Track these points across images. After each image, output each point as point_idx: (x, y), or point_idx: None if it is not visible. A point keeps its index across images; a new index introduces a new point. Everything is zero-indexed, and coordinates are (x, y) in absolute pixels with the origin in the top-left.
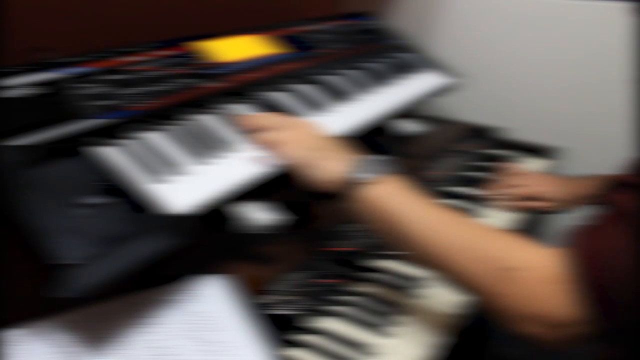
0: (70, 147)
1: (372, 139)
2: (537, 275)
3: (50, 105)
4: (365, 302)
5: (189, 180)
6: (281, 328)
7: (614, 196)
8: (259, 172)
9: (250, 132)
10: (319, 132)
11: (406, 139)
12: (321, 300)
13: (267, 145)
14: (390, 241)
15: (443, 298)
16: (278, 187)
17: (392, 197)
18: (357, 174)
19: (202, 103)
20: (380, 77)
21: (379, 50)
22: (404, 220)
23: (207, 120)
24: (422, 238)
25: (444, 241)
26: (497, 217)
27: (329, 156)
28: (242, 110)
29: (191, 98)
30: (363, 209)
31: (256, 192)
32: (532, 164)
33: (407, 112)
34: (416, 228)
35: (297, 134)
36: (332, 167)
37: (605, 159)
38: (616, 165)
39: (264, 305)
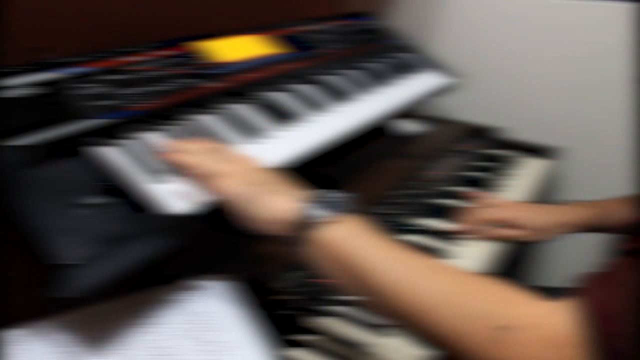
0: (70, 147)
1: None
2: (538, 336)
3: (50, 105)
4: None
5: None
6: (281, 328)
7: (631, 243)
8: None
9: (176, 161)
10: (258, 164)
11: (406, 139)
12: (321, 300)
13: (198, 176)
14: (351, 291)
15: None
16: None
17: (352, 239)
18: (309, 212)
19: (202, 103)
20: (380, 77)
21: (379, 50)
22: (369, 267)
23: (207, 120)
24: (394, 289)
25: (422, 294)
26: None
27: (274, 191)
28: (242, 111)
29: (191, 98)
30: (317, 253)
31: None
32: (532, 164)
33: (407, 112)
34: (386, 278)
35: (235, 165)
36: (279, 203)
37: (605, 159)
38: (614, 172)
39: (264, 305)
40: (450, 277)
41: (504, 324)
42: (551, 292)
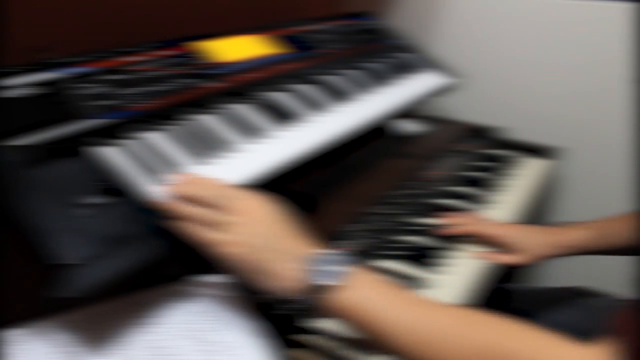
0: (70, 147)
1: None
2: None
3: (50, 105)
4: None
5: None
6: (281, 328)
7: None
8: (259, 172)
9: (175, 211)
10: (264, 213)
11: (406, 139)
12: None
13: (200, 245)
14: (382, 349)
15: (443, 298)
16: (278, 187)
17: (371, 301)
18: (318, 278)
19: (202, 103)
20: (380, 77)
21: (379, 50)
22: (395, 327)
23: (207, 120)
24: (426, 346)
25: (450, 349)
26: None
27: (279, 257)
28: (242, 111)
29: (191, 98)
30: (340, 317)
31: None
32: (532, 164)
33: (407, 112)
34: (416, 336)
35: (240, 227)
36: (285, 272)
37: (605, 159)
38: (614, 172)
39: (264, 305)
40: (482, 325)
41: None
42: (556, 293)
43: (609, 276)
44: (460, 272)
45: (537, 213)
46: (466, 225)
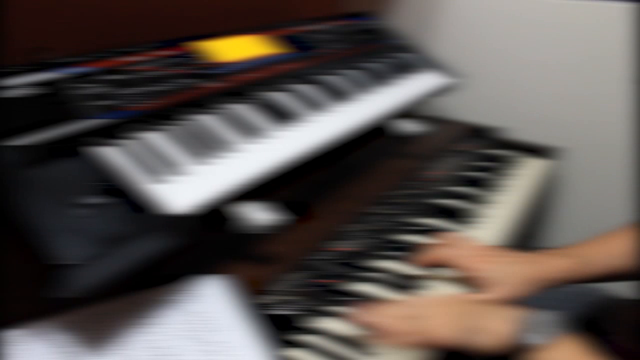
0: (70, 147)
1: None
2: None
3: (50, 105)
4: (365, 302)
5: (189, 180)
6: (281, 328)
7: None
8: (259, 172)
9: (374, 326)
10: (451, 300)
11: (406, 139)
12: (321, 300)
13: (402, 333)
14: None
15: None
16: (278, 187)
17: None
18: (527, 335)
19: (202, 103)
20: (380, 77)
21: (379, 50)
22: None
23: (207, 120)
24: None
25: None
26: (497, 210)
27: (487, 316)
28: (242, 111)
29: (191, 98)
30: None
31: (256, 192)
32: (532, 164)
33: (407, 112)
34: None
35: (435, 309)
36: (497, 328)
37: (605, 159)
38: (614, 172)
39: (264, 305)
40: None
41: None
42: (556, 293)
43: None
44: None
45: (537, 213)
46: (445, 252)
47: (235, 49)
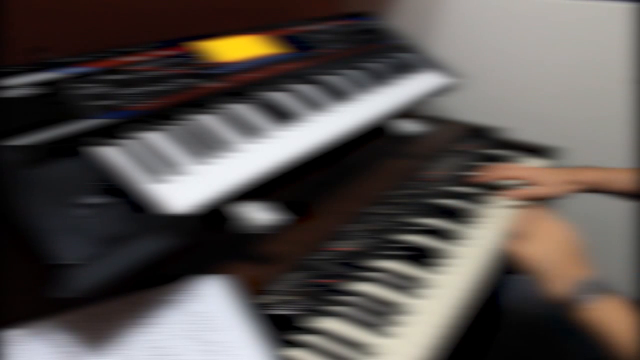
0: (70, 147)
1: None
2: None
3: (50, 105)
4: (365, 302)
5: (189, 180)
6: (281, 328)
7: None
8: (259, 172)
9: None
10: (559, 236)
11: (406, 139)
12: (321, 300)
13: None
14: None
15: (443, 298)
16: (278, 187)
17: (611, 321)
18: (580, 295)
19: (202, 103)
20: (380, 77)
21: (379, 50)
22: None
23: (207, 120)
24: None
25: None
26: (496, 210)
27: (560, 273)
28: (242, 111)
29: (191, 98)
30: (586, 326)
31: (256, 192)
32: (532, 164)
33: (407, 112)
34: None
35: (541, 241)
36: (560, 284)
37: (605, 159)
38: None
39: (264, 305)
40: None
41: None
42: None
43: (608, 276)
44: (460, 272)
45: (534, 200)
46: (498, 173)
47: (235, 49)
